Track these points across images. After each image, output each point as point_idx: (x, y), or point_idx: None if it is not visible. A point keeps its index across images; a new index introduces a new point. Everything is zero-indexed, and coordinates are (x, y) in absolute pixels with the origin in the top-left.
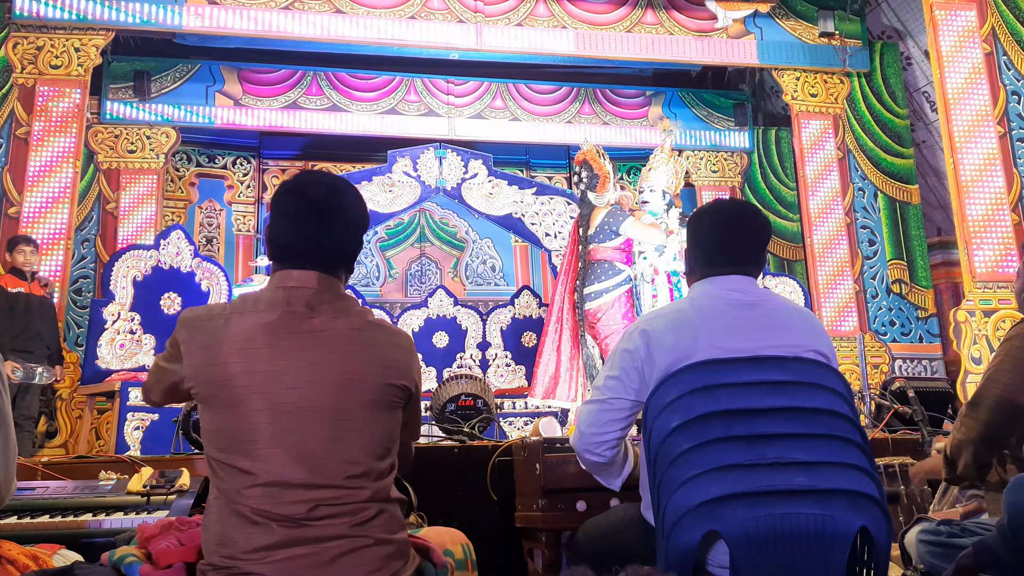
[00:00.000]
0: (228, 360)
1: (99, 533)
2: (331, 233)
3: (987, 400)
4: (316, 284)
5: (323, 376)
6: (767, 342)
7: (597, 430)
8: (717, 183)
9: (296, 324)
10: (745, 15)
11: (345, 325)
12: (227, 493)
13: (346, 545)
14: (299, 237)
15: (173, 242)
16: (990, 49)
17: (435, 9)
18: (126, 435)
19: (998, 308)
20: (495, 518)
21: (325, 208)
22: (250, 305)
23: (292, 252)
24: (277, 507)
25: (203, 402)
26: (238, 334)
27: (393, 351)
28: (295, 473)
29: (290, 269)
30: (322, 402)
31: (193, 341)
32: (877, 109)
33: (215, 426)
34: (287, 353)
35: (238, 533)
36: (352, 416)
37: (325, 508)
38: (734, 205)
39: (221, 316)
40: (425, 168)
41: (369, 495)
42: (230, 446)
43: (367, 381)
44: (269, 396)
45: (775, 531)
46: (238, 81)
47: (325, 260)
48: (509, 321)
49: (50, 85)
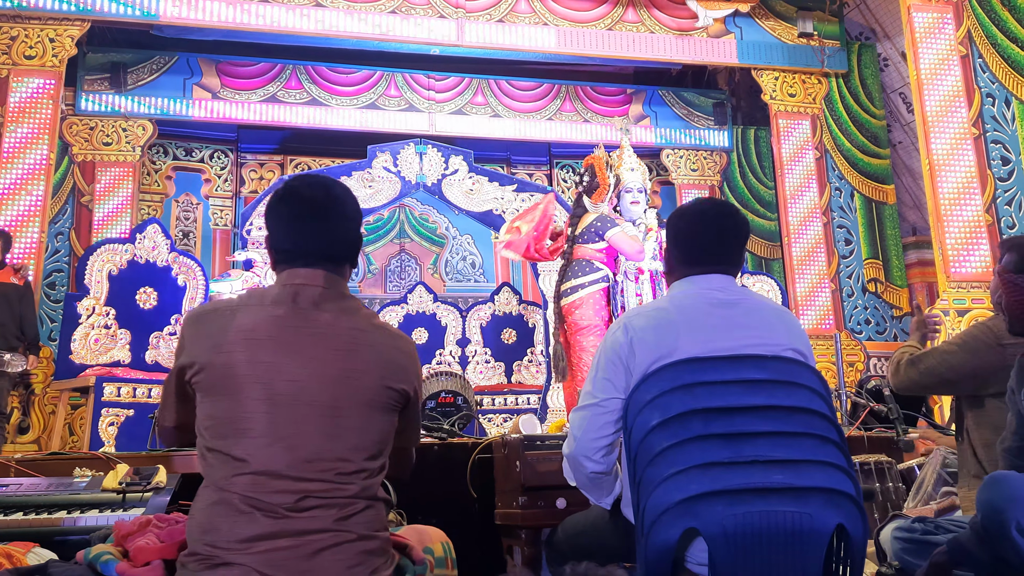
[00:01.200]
0: (232, 349)
1: (74, 531)
2: (333, 230)
3: (924, 365)
4: (323, 282)
5: (323, 372)
6: (746, 341)
7: (594, 434)
8: (696, 181)
9: (301, 319)
10: (725, 15)
11: (349, 324)
12: (217, 481)
13: (328, 539)
14: (303, 238)
15: (149, 236)
16: (966, 52)
17: (416, 4)
18: (100, 431)
19: (971, 308)
20: (475, 515)
21: (323, 206)
22: (257, 299)
23: (297, 253)
24: (265, 495)
25: (203, 391)
26: (244, 324)
27: (394, 354)
28: (286, 463)
29: (297, 268)
30: (319, 397)
31: (198, 332)
32: (854, 110)
33: (212, 413)
34: (290, 347)
35: (223, 521)
36: (347, 413)
37: (312, 500)
38: (713, 205)
39: (228, 309)
40: (405, 164)
41: (356, 491)
42: (226, 433)
43: (365, 380)
44: (268, 386)
45: (753, 528)
46: (216, 74)
47: (330, 257)
48: (489, 318)
49: (24, 76)
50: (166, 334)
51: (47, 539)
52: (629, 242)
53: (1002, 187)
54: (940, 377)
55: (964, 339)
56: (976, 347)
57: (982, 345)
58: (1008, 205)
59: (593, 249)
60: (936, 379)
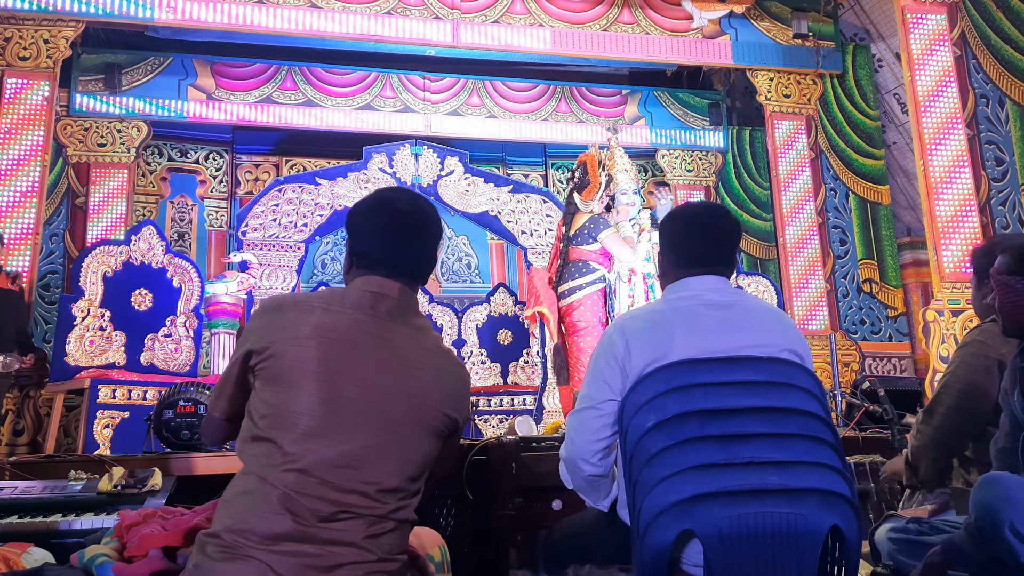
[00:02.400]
0: (308, 343)
1: (69, 533)
2: (421, 245)
3: (941, 407)
4: (398, 294)
5: (388, 383)
6: (742, 342)
7: (591, 437)
8: (691, 182)
9: (378, 328)
10: (720, 16)
11: (421, 343)
12: (259, 470)
13: (350, 555)
14: (393, 248)
15: (144, 237)
16: (960, 52)
17: (411, 5)
18: (95, 433)
19: (965, 308)
20: (471, 517)
21: (420, 223)
22: (337, 300)
23: (384, 262)
24: (304, 499)
25: (267, 379)
26: (324, 322)
27: (454, 382)
28: (334, 469)
29: (374, 275)
30: (380, 407)
31: (275, 321)
32: (849, 110)
33: (272, 402)
34: (363, 352)
35: (254, 517)
36: (403, 429)
37: (347, 514)
38: (705, 207)
39: (308, 304)
40: (401, 165)
41: (389, 511)
42: (280, 424)
43: (425, 401)
44: (334, 386)
45: (749, 530)
46: (211, 75)
47: (411, 271)
48: (485, 319)
49: (18, 77)
50: (161, 336)
51: (42, 542)
52: (621, 245)
53: (996, 187)
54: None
55: (966, 362)
56: (977, 365)
57: (982, 364)
58: (1002, 206)
59: (588, 250)
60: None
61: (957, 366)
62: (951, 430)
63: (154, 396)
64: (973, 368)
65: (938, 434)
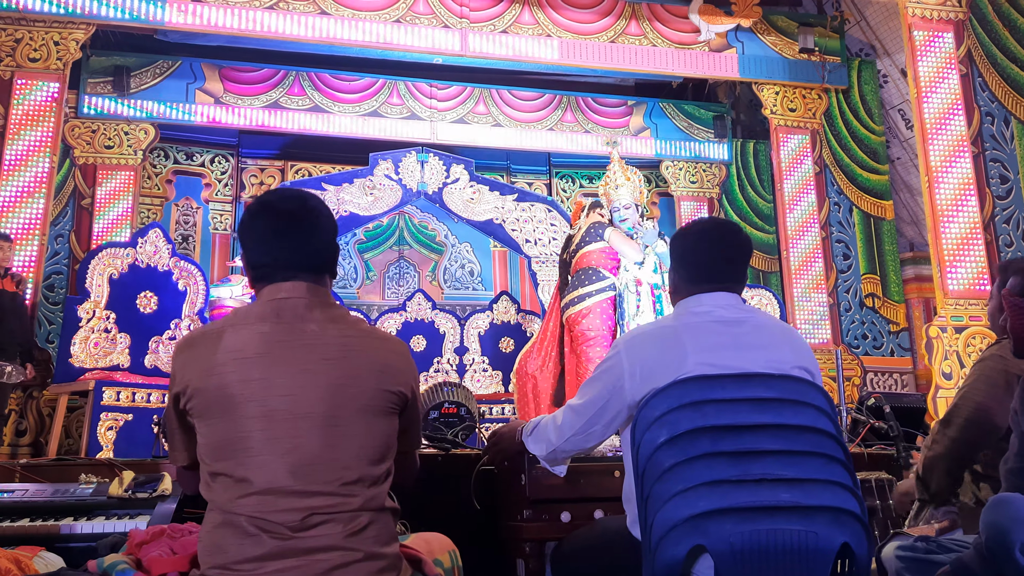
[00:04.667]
0: (223, 370)
1: (79, 537)
2: (310, 240)
3: (958, 418)
4: (306, 293)
5: (316, 382)
6: (754, 359)
7: (571, 447)
8: (695, 194)
9: (289, 333)
10: (727, 29)
11: (337, 333)
12: (222, 505)
13: (336, 559)
14: (281, 251)
15: (151, 240)
16: (966, 71)
17: (421, 13)
18: (99, 435)
19: (969, 325)
20: (479, 528)
21: (299, 218)
22: (242, 318)
23: (277, 267)
24: (271, 515)
25: (199, 416)
26: (232, 344)
27: (387, 356)
28: (289, 479)
29: (279, 282)
30: (315, 408)
31: (188, 359)
32: (854, 125)
33: (211, 439)
34: (280, 361)
35: (230, 543)
36: (345, 421)
37: (318, 516)
38: (716, 223)
39: (214, 331)
40: (407, 171)
41: (361, 503)
42: (225, 455)
43: (360, 386)
44: (263, 403)
45: (760, 546)
46: (219, 79)
47: (310, 268)
48: (487, 326)
49: (28, 78)
50: (166, 339)
51: (52, 545)
52: (627, 242)
53: (1000, 205)
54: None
55: (986, 375)
56: (997, 380)
57: (1001, 379)
58: (1006, 223)
59: (598, 250)
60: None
61: (976, 379)
62: (967, 442)
63: (158, 399)
64: (992, 382)
65: (954, 445)
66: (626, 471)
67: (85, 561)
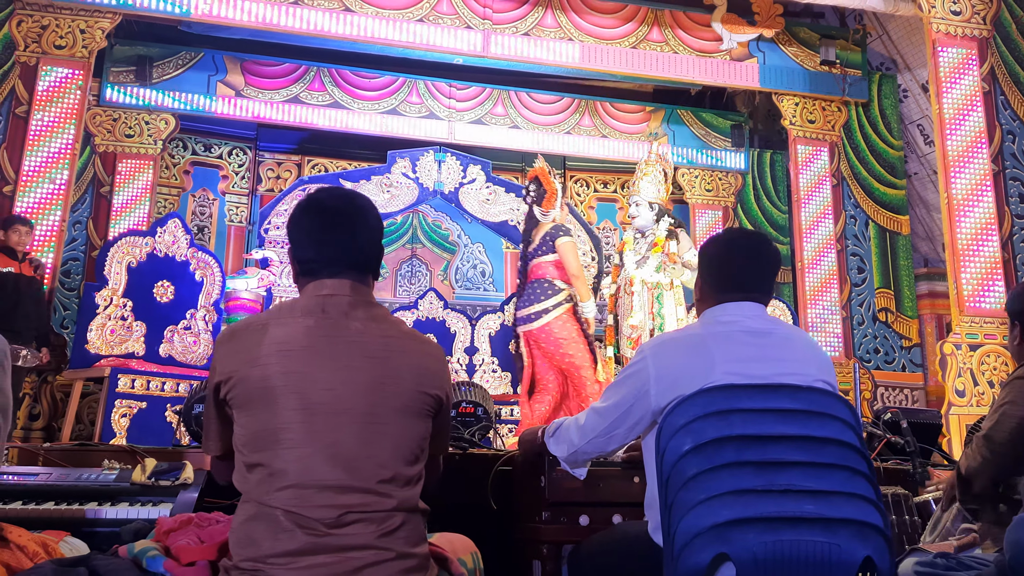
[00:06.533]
0: (266, 362)
1: (104, 523)
2: (357, 238)
3: (1002, 433)
4: (350, 291)
5: (357, 379)
6: (780, 370)
7: (594, 449)
8: (710, 202)
9: (333, 329)
10: (749, 39)
11: (380, 332)
12: (257, 497)
13: (369, 557)
14: (329, 247)
15: (170, 230)
16: (988, 88)
17: (444, 13)
18: (113, 422)
19: (984, 343)
20: (495, 529)
21: (348, 216)
22: (287, 312)
23: (323, 263)
24: (306, 510)
25: (239, 406)
26: (276, 336)
27: (425, 359)
28: (327, 473)
29: (323, 279)
30: (355, 404)
31: (231, 349)
32: (872, 139)
33: (249, 429)
34: (323, 355)
35: (263, 537)
36: (384, 420)
37: (353, 515)
38: (746, 234)
39: (259, 323)
40: (424, 170)
41: (396, 504)
42: (263, 446)
43: (400, 386)
44: (304, 396)
45: (783, 557)
46: (241, 72)
47: (355, 266)
48: (498, 327)
49: (53, 65)
50: (181, 328)
51: (78, 529)
52: (574, 257)
53: (1019, 224)
54: None
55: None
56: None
57: None
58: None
59: (550, 264)
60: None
61: (1016, 395)
62: (1014, 456)
63: (172, 388)
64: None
65: (999, 459)
66: (648, 478)
67: (108, 547)
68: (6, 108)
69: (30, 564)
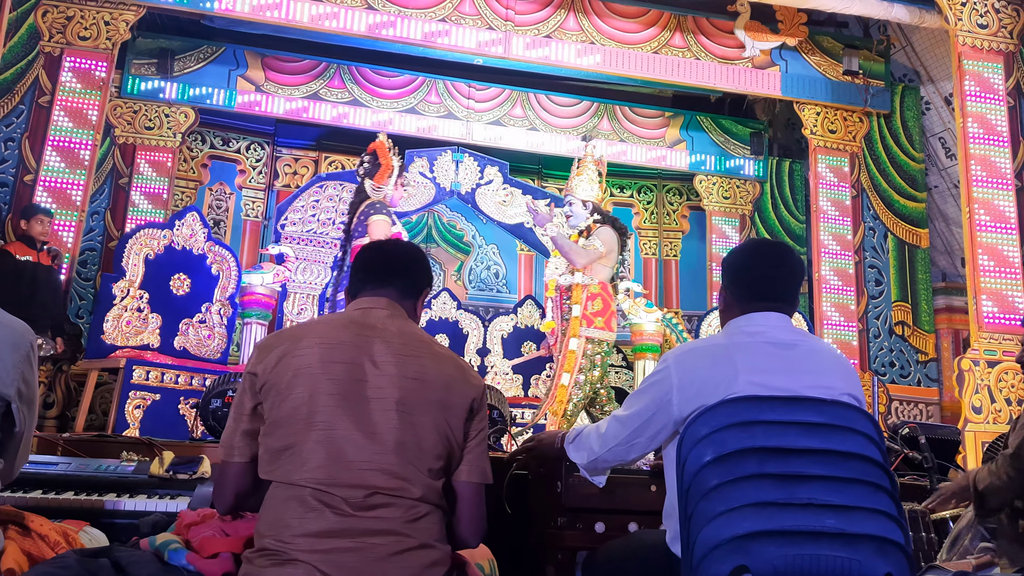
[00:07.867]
0: (309, 350)
1: (123, 514)
2: (406, 267)
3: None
4: (386, 306)
5: (392, 372)
6: (805, 383)
7: (614, 458)
8: (728, 209)
9: (369, 329)
10: (772, 47)
11: (414, 335)
12: (286, 477)
13: (392, 545)
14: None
15: (188, 223)
16: (1013, 103)
17: (466, 14)
18: (126, 413)
19: (1002, 359)
20: (509, 533)
21: (403, 253)
22: (327, 320)
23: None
24: (335, 488)
25: (273, 390)
26: (319, 330)
27: (454, 364)
28: (356, 454)
29: (362, 296)
30: (388, 393)
31: (273, 341)
32: (894, 151)
33: (282, 411)
34: (359, 348)
35: (292, 517)
36: (414, 410)
37: (380, 497)
38: (771, 243)
39: (300, 325)
40: (441, 170)
41: (422, 493)
42: (296, 427)
43: (432, 384)
44: (341, 383)
45: (803, 571)
46: (261, 67)
47: (396, 288)
48: (511, 329)
49: (77, 56)
50: (196, 321)
51: (97, 520)
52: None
53: None
54: None
55: None
56: None
57: None
58: None
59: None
60: None
61: None
62: None
63: (185, 381)
64: None
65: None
66: (668, 487)
67: (126, 538)
68: (29, 98)
69: (52, 553)
